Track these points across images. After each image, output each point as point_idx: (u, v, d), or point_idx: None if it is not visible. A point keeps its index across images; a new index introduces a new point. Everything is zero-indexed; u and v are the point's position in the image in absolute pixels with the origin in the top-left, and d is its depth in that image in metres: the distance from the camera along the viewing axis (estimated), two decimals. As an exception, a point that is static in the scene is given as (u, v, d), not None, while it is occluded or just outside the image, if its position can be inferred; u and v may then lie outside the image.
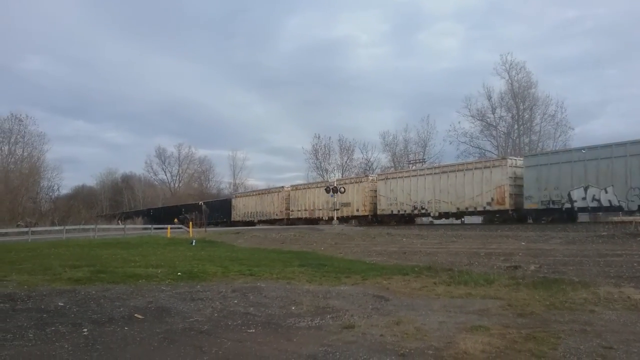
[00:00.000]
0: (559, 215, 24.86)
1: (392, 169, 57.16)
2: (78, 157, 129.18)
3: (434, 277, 10.72)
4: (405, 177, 33.78)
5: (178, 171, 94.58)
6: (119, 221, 58.24)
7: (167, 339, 5.91)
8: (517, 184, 26.66)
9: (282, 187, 48.06)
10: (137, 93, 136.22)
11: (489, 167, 28.09)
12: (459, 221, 32.07)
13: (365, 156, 66.46)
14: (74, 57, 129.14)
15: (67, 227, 35.08)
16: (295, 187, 46.24)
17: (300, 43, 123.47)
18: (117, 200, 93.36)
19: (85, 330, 6.35)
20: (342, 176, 63.55)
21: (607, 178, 22.31)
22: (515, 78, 52.33)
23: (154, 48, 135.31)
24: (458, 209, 29.46)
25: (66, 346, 5.58)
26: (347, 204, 36.49)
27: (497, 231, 22.00)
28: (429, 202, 31.07)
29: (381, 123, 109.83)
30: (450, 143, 56.52)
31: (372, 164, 65.66)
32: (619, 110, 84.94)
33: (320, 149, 67.93)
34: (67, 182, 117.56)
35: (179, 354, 5.29)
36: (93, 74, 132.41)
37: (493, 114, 54.09)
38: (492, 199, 27.29)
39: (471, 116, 54.61)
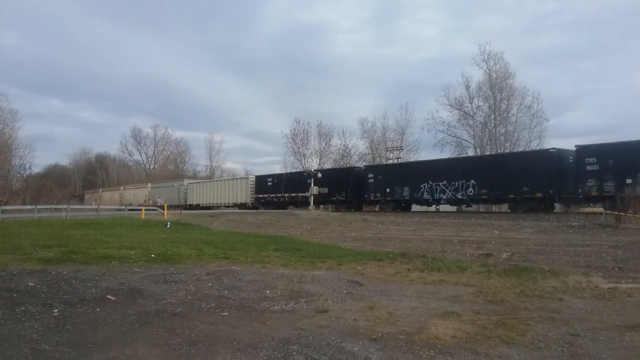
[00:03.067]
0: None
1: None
2: (51, 135, 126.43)
3: (408, 264, 10.83)
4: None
5: (154, 152, 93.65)
6: (93, 201, 57.61)
7: (140, 321, 5.87)
8: None
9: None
10: (114, 72, 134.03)
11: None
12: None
13: (343, 142, 66.51)
14: (49, 33, 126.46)
15: (38, 207, 34.53)
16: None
17: (280, 26, 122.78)
18: (90, 180, 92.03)
19: (56, 310, 6.27)
20: (320, 161, 63.88)
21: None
22: (494, 68, 52.71)
23: (133, 27, 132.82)
24: None
25: (36, 326, 5.51)
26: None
27: (471, 219, 22.27)
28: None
29: (360, 110, 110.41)
30: (428, 131, 56.71)
31: (350, 150, 65.74)
32: (593, 104, 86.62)
33: (299, 133, 67.78)
34: (39, 160, 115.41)
35: (151, 335, 5.26)
36: (69, 51, 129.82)
37: (471, 103, 54.48)
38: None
39: (449, 105, 54.92)
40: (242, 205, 45.91)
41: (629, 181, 21.20)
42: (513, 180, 26.02)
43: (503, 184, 26.53)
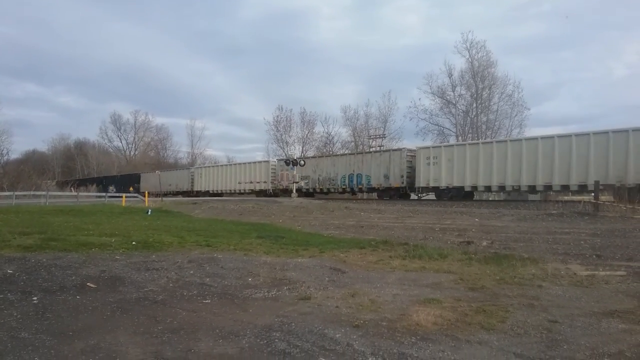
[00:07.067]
0: None
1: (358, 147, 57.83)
2: (29, 121, 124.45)
3: (390, 251, 10.88)
4: None
5: (134, 139, 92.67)
6: (72, 188, 56.89)
7: (121, 309, 5.83)
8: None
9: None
10: (93, 57, 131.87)
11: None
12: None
13: (326, 130, 66.48)
14: (26, 16, 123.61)
15: (16, 193, 34.00)
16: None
17: (261, 11, 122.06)
18: (69, 166, 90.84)
19: (35, 298, 6.19)
20: (302, 149, 63.85)
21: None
22: (476, 57, 53.01)
23: (112, 11, 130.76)
24: None
25: (15, 314, 5.44)
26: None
27: (452, 207, 22.48)
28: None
29: (343, 97, 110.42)
30: (411, 119, 57.29)
31: (332, 137, 65.78)
32: (572, 93, 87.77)
33: (282, 120, 67.57)
34: (17, 146, 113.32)
35: (133, 323, 5.23)
36: (46, 35, 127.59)
37: (453, 91, 54.83)
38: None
39: (431, 93, 55.29)
40: None
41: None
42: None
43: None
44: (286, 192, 39.00)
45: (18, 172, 53.78)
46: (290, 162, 36.68)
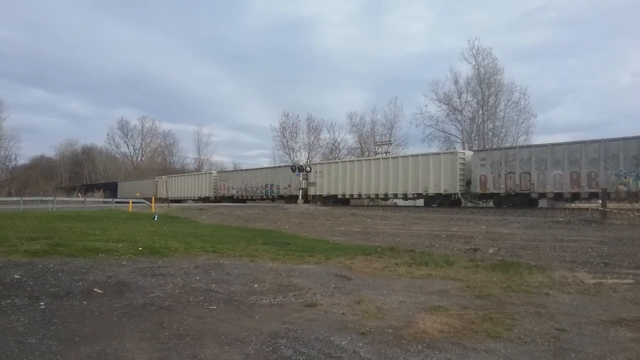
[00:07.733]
0: None
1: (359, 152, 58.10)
2: (37, 126, 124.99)
3: (396, 258, 10.86)
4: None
5: (141, 145, 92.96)
6: (79, 193, 57.22)
7: (127, 314, 5.84)
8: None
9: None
10: (101, 63, 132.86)
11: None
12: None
13: (332, 136, 66.53)
14: (35, 23, 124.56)
15: (24, 198, 34.17)
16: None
17: (268, 19, 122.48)
18: (77, 172, 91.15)
19: (42, 303, 6.22)
20: (309, 155, 64.04)
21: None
22: (482, 64, 52.91)
23: (119, 17, 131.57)
24: None
25: (22, 319, 5.46)
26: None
27: (458, 214, 22.39)
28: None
29: (349, 104, 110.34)
30: (417, 126, 57.39)
31: (338, 144, 65.77)
32: (578, 100, 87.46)
33: (288, 127, 67.67)
34: (25, 152, 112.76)
35: (139, 329, 5.24)
36: (55, 41, 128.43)
37: (459, 98, 54.72)
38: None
39: (437, 100, 55.24)
40: None
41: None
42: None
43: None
44: (224, 198, 46.56)
45: (26, 177, 54.16)
46: (297, 169, 37.32)
